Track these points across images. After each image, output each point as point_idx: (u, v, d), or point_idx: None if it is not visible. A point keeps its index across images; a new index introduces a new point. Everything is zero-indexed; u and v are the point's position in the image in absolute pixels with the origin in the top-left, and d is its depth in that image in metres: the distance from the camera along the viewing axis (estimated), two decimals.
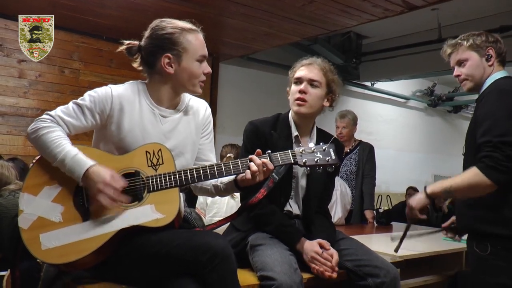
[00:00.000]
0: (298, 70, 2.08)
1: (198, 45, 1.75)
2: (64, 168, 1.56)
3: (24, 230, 1.54)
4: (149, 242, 1.54)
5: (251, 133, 2.03)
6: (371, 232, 3.50)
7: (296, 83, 2.06)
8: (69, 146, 1.59)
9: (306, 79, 2.03)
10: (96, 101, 1.69)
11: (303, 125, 2.08)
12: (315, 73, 2.03)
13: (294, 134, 2.05)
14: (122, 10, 4.68)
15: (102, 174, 1.54)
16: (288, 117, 2.11)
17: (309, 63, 2.08)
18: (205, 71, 1.76)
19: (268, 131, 2.01)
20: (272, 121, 2.08)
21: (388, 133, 9.05)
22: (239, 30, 5.38)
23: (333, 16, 4.75)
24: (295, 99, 2.03)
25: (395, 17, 4.70)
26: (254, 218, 1.97)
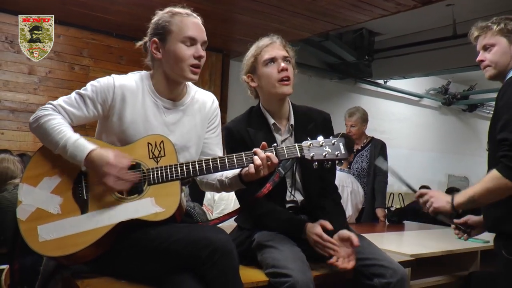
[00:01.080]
0: (263, 52, 1.92)
1: (184, 26, 1.66)
2: (66, 154, 1.52)
3: (22, 222, 1.51)
4: (148, 236, 1.49)
5: (227, 138, 1.95)
6: (383, 230, 3.41)
7: (268, 64, 1.90)
8: (70, 132, 1.56)
9: (280, 56, 1.90)
10: (98, 91, 1.65)
11: (278, 109, 1.96)
12: (283, 50, 1.93)
13: (271, 122, 1.95)
14: (132, 7, 4.66)
15: (105, 155, 1.50)
16: (259, 108, 2.00)
17: (270, 42, 1.94)
18: (196, 54, 1.66)
19: (244, 129, 1.92)
20: (246, 118, 1.98)
21: (401, 132, 8.93)
22: (249, 26, 5.33)
23: (344, 11, 4.68)
24: (279, 80, 1.88)
25: (408, 13, 4.61)
26: (255, 219, 1.91)
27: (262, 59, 1.91)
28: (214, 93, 1.91)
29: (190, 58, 1.65)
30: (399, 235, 2.98)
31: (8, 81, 5.11)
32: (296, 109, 2.00)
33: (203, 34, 1.69)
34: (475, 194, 1.82)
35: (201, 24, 1.71)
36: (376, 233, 3.13)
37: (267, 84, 1.91)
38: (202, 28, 1.70)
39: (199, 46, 1.67)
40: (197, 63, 1.67)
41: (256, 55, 1.93)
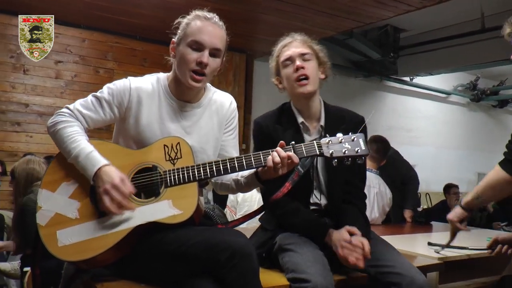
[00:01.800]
0: (281, 52, 1.88)
1: (195, 30, 1.61)
2: (78, 165, 1.52)
3: (42, 227, 1.51)
4: (166, 239, 1.47)
5: (256, 133, 1.91)
6: (409, 232, 3.32)
7: (288, 64, 1.85)
8: (84, 142, 1.55)
9: (296, 55, 1.84)
10: (114, 94, 1.64)
11: (307, 109, 1.90)
12: (302, 47, 1.86)
13: (299, 121, 1.89)
14: (155, 9, 4.69)
15: (112, 175, 1.48)
16: (290, 106, 1.96)
17: (289, 41, 1.89)
18: (198, 60, 1.60)
19: (272, 125, 1.88)
20: (276, 114, 1.94)
21: (428, 130, 8.75)
22: (272, 25, 5.30)
23: (368, 8, 4.60)
24: (295, 79, 1.83)
25: (434, 7, 4.50)
26: (277, 218, 1.87)
27: (281, 60, 1.88)
28: (238, 93, 1.89)
29: (192, 63, 1.60)
30: (426, 236, 2.89)
31: (36, 85, 5.22)
32: (328, 110, 1.94)
33: (214, 40, 1.61)
34: (479, 190, 1.83)
35: (218, 31, 1.63)
36: (403, 235, 3.04)
37: (288, 85, 1.89)
38: (217, 34, 1.63)
39: (206, 52, 1.60)
40: (198, 69, 1.60)
41: (277, 57, 1.91)
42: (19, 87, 5.13)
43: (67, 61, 5.41)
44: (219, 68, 1.69)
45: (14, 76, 5.11)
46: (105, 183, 1.47)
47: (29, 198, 2.60)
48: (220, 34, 1.64)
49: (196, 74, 1.61)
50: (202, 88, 1.73)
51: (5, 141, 5.04)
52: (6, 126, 5.05)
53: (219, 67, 1.68)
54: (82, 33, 5.47)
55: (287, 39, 1.91)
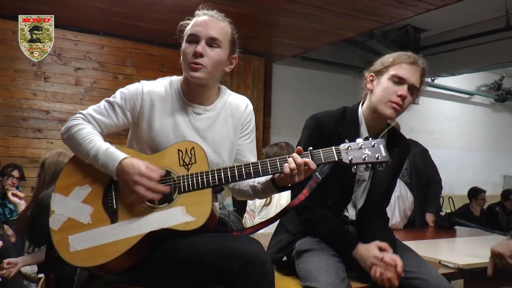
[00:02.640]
0: (400, 66, 1.74)
1: (192, 25, 1.61)
2: (97, 163, 1.50)
3: (54, 232, 1.50)
4: (180, 246, 1.44)
5: (313, 130, 1.80)
6: (432, 237, 3.21)
7: (396, 82, 1.72)
8: (100, 141, 1.54)
9: (409, 83, 1.72)
10: (126, 98, 1.62)
11: (376, 125, 1.80)
12: (417, 77, 1.75)
13: (363, 135, 1.77)
14: (171, 14, 4.69)
15: (136, 165, 1.47)
16: (357, 113, 1.83)
17: (413, 61, 1.75)
18: (194, 51, 1.57)
19: (334, 127, 1.78)
20: (338, 116, 1.82)
21: (451, 132, 8.57)
22: (290, 28, 5.27)
23: (388, 8, 4.52)
24: (391, 101, 1.71)
25: (455, 6, 4.39)
26: (304, 222, 1.82)
27: (392, 72, 1.74)
28: (257, 97, 1.84)
29: (189, 55, 1.58)
30: (450, 242, 2.79)
31: (56, 92, 5.29)
32: (391, 131, 1.85)
33: (209, 30, 1.58)
34: None
35: (214, 22, 1.60)
36: (425, 240, 2.95)
37: (379, 97, 1.75)
38: (213, 25, 1.59)
39: (202, 42, 1.57)
40: (194, 61, 1.57)
41: (392, 63, 1.76)
42: (40, 94, 5.20)
43: (87, 67, 5.46)
44: (226, 61, 1.64)
45: (36, 84, 5.19)
46: (133, 175, 1.45)
47: (46, 194, 2.58)
48: (217, 25, 1.60)
49: (194, 64, 1.57)
50: (212, 87, 1.68)
51: (27, 147, 5.11)
52: (28, 133, 5.13)
53: (224, 59, 1.62)
54: (101, 40, 5.53)
55: (413, 56, 1.77)
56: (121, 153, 1.51)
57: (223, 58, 1.62)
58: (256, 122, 6.36)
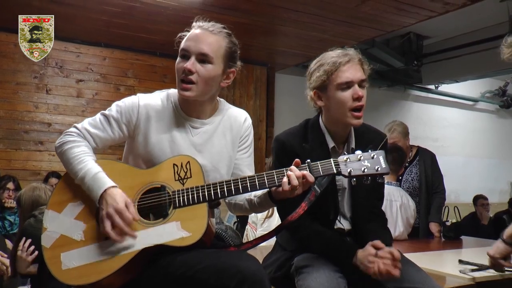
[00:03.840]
0: (340, 71, 1.65)
1: (185, 38, 1.58)
2: (84, 186, 1.48)
3: (46, 249, 1.47)
4: (174, 263, 1.40)
5: (279, 152, 1.77)
6: (438, 248, 3.14)
7: (344, 88, 1.66)
8: (91, 163, 1.50)
9: (356, 81, 1.65)
10: (122, 111, 1.59)
11: (340, 134, 1.76)
12: (360, 70, 1.67)
13: (330, 145, 1.74)
14: (173, 25, 4.69)
15: (117, 198, 1.43)
16: (319, 124, 1.78)
17: (347, 60, 1.66)
18: (183, 66, 1.54)
19: (298, 144, 1.74)
20: (301, 132, 1.78)
21: (456, 139, 8.49)
22: (292, 37, 5.26)
23: (389, 15, 4.49)
24: (351, 109, 1.65)
25: (457, 12, 4.36)
26: (298, 241, 1.77)
27: (337, 81, 1.65)
28: (260, 107, 1.80)
29: (180, 72, 1.55)
30: (456, 253, 2.72)
31: (58, 104, 5.28)
32: (357, 130, 1.79)
33: (200, 45, 1.53)
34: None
35: (206, 36, 1.54)
36: (431, 252, 2.88)
37: (337, 110, 1.69)
38: (204, 39, 1.53)
39: (192, 59, 1.53)
40: (184, 77, 1.53)
41: (330, 73, 1.66)
42: (42, 106, 5.19)
43: (88, 79, 5.46)
44: (220, 76, 1.58)
45: (38, 96, 5.19)
46: (108, 207, 1.41)
47: (29, 223, 2.60)
48: (209, 39, 1.54)
49: (184, 83, 1.53)
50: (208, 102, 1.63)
51: (28, 160, 5.10)
52: (30, 145, 5.11)
53: (216, 75, 1.56)
54: (102, 52, 5.53)
55: (343, 54, 1.68)
56: (108, 181, 1.47)
57: (216, 74, 1.56)
58: (259, 132, 6.39)
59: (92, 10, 4.46)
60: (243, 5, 4.31)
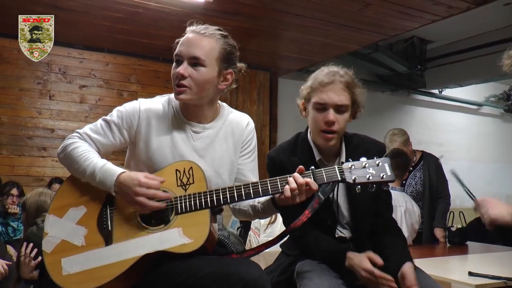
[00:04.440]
0: (318, 90, 1.67)
1: (179, 43, 1.58)
2: (95, 180, 1.47)
3: (47, 254, 1.47)
4: (175, 270, 1.38)
5: (270, 168, 1.79)
6: (443, 254, 3.11)
7: (319, 109, 1.67)
8: (97, 158, 1.51)
9: (332, 105, 1.65)
10: (123, 117, 1.58)
11: (327, 148, 1.76)
12: (340, 95, 1.66)
13: (316, 158, 1.75)
14: (176, 30, 4.59)
15: (135, 176, 1.44)
16: (307, 139, 1.79)
17: (329, 81, 1.66)
18: (175, 72, 1.54)
19: (287, 158, 1.75)
20: (290, 146, 1.81)
21: (461, 143, 8.44)
22: (295, 42, 5.24)
23: (392, 19, 4.47)
24: (321, 130, 1.67)
25: (461, 16, 4.33)
26: (300, 249, 1.77)
27: (313, 100, 1.69)
28: (263, 112, 1.79)
29: (174, 77, 1.55)
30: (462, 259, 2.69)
31: (61, 110, 5.28)
32: (348, 142, 1.79)
33: (191, 49, 1.52)
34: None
35: (198, 39, 1.53)
36: (436, 257, 2.84)
37: (312, 127, 1.74)
38: (196, 43, 1.52)
39: (184, 63, 1.53)
40: (177, 83, 1.54)
41: (312, 89, 1.70)
42: (45, 112, 5.20)
43: (91, 85, 5.46)
44: (216, 79, 1.56)
45: (41, 102, 5.19)
46: (132, 186, 1.41)
47: (31, 231, 2.60)
48: (202, 43, 1.53)
49: (178, 87, 1.53)
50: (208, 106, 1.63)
51: (32, 166, 5.09)
52: (33, 151, 5.11)
53: (211, 77, 1.55)
54: (105, 57, 5.53)
55: (327, 74, 1.69)
56: (118, 168, 1.48)
57: (210, 76, 1.54)
58: (263, 138, 6.36)
59: (95, 15, 4.47)
60: (246, 10, 4.31)
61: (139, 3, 4.15)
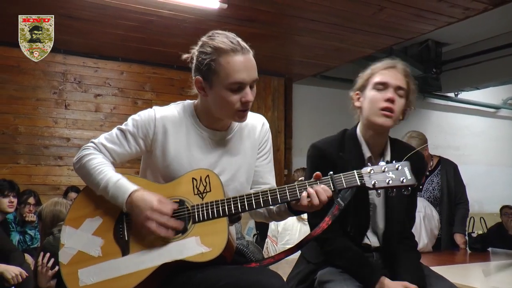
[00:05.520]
0: (380, 73, 1.72)
1: (230, 70, 1.45)
2: (107, 195, 1.45)
3: (63, 265, 1.45)
4: (194, 280, 1.36)
5: (316, 159, 1.75)
6: (464, 261, 3.04)
7: (380, 89, 1.70)
8: (111, 172, 1.49)
9: (393, 86, 1.69)
10: (138, 125, 1.56)
11: (376, 143, 1.75)
12: (400, 79, 1.71)
13: (366, 155, 1.73)
14: (189, 38, 4.64)
15: (148, 199, 1.41)
16: (355, 134, 1.78)
17: (392, 65, 1.73)
18: (243, 99, 1.48)
19: (336, 153, 1.72)
20: (338, 141, 1.78)
21: (478, 147, 8.32)
22: (309, 47, 5.23)
23: (407, 23, 4.43)
24: (381, 108, 1.67)
25: (478, 18, 4.27)
26: (324, 254, 1.73)
27: (374, 80, 1.72)
28: (278, 118, 1.77)
29: (237, 103, 1.49)
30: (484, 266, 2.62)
31: (76, 119, 5.33)
32: (394, 144, 1.80)
33: (251, 73, 1.48)
34: None
35: (249, 60, 1.49)
36: (457, 265, 2.77)
37: (369, 109, 1.72)
38: (250, 66, 1.48)
39: (248, 89, 1.49)
40: (246, 108, 1.51)
41: (371, 75, 1.75)
42: (61, 121, 5.25)
43: (106, 94, 5.50)
44: None
45: (57, 112, 5.24)
46: (144, 210, 1.39)
47: (48, 241, 2.61)
48: (253, 62, 1.50)
49: (244, 112, 1.52)
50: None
51: (48, 175, 5.14)
52: (49, 160, 5.16)
53: None
54: (120, 66, 5.57)
55: (389, 61, 1.76)
56: (131, 185, 1.45)
57: None
58: (278, 144, 6.34)
59: (109, 25, 4.51)
60: (260, 16, 4.30)
61: (152, 11, 4.17)
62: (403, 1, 3.95)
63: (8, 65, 5.00)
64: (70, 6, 4.05)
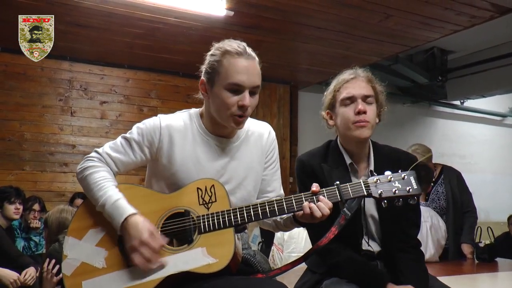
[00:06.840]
0: (343, 87, 1.72)
1: (231, 70, 1.46)
2: (105, 214, 1.44)
3: (67, 277, 1.44)
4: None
5: (299, 172, 1.78)
6: (472, 271, 3.01)
7: (348, 104, 1.70)
8: (111, 189, 1.46)
9: (359, 96, 1.69)
10: (144, 134, 1.56)
11: (356, 151, 1.75)
12: (365, 87, 1.70)
13: (347, 162, 1.74)
14: (195, 45, 4.71)
15: (140, 228, 1.38)
16: (337, 145, 1.79)
17: (353, 76, 1.73)
18: (240, 103, 1.48)
19: (317, 164, 1.73)
20: (322, 152, 1.80)
21: (484, 156, 8.26)
22: (314, 54, 5.23)
23: (413, 30, 4.43)
24: (353, 122, 1.68)
25: (484, 26, 4.26)
26: (329, 267, 1.72)
27: (340, 97, 1.72)
28: (284, 125, 1.77)
29: (234, 107, 1.48)
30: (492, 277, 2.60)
31: (82, 126, 5.34)
32: (377, 151, 1.78)
33: (251, 78, 1.48)
34: None
35: (252, 65, 1.49)
36: (465, 275, 2.75)
37: (343, 125, 1.73)
38: (252, 70, 1.49)
39: (247, 93, 1.48)
40: (241, 114, 1.50)
41: (335, 92, 1.75)
42: (67, 128, 5.26)
43: (112, 101, 5.51)
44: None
45: (62, 119, 5.26)
46: (133, 239, 1.37)
47: (53, 247, 2.62)
48: (257, 69, 1.51)
49: (239, 117, 1.51)
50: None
51: (53, 181, 5.14)
52: (55, 167, 5.17)
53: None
54: (126, 73, 5.59)
55: (348, 72, 1.76)
56: (129, 208, 1.43)
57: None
58: (283, 151, 6.32)
59: (116, 32, 4.53)
60: (266, 24, 4.31)
61: (158, 18, 4.19)
62: (409, 9, 3.94)
63: (14, 72, 5.02)
64: (77, 13, 4.07)
